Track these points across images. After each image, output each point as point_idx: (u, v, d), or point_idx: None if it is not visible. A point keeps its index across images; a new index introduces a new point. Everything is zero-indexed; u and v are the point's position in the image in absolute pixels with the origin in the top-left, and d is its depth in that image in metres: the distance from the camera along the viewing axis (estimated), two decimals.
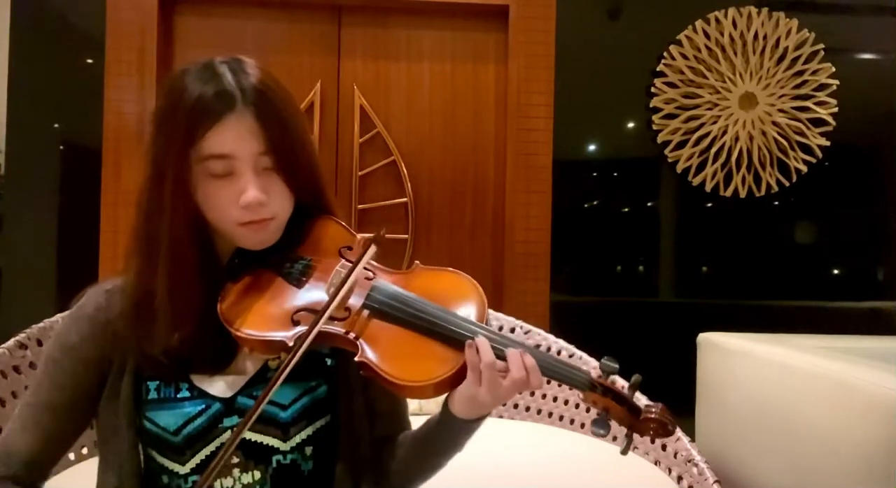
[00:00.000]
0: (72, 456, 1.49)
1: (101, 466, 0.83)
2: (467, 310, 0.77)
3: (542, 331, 1.81)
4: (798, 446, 1.45)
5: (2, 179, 2.30)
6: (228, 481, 0.79)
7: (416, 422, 1.04)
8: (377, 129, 2.43)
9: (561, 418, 1.86)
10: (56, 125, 2.33)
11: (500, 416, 1.96)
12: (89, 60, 2.32)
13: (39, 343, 1.39)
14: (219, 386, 0.80)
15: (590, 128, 2.52)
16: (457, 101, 2.50)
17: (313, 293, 0.78)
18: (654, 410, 0.74)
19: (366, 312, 0.76)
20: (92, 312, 0.81)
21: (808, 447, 1.42)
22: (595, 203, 2.54)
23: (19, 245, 2.29)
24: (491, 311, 0.80)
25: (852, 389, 1.31)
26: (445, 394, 0.77)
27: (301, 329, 0.73)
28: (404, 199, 2.44)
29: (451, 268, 0.83)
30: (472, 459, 0.89)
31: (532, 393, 1.93)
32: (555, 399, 1.88)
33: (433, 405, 1.88)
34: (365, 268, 0.79)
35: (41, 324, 1.42)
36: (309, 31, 2.46)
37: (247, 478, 0.79)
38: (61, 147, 2.34)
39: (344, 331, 0.74)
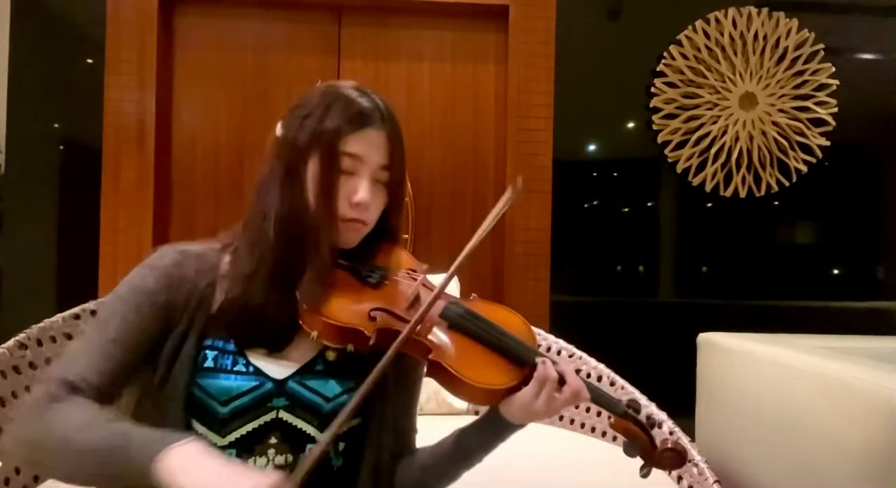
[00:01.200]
0: None
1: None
2: (522, 337, 0.88)
3: (542, 332, 1.81)
4: (798, 446, 1.45)
5: (2, 179, 2.31)
6: (263, 460, 0.82)
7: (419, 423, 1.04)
8: None
9: (561, 418, 1.86)
10: (56, 125, 2.33)
11: None
12: (89, 60, 2.32)
13: (39, 343, 1.39)
14: (272, 368, 0.83)
15: (590, 129, 2.52)
16: (457, 101, 2.50)
17: (390, 297, 0.86)
18: (669, 442, 0.85)
19: (443, 323, 0.85)
20: (170, 265, 0.84)
21: (808, 447, 1.42)
22: (595, 203, 2.54)
23: (19, 245, 2.29)
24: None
25: (852, 389, 1.31)
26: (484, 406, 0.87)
27: (380, 327, 0.81)
28: (404, 199, 2.44)
29: (503, 306, 0.94)
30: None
31: None
32: None
33: (434, 404, 1.88)
34: (440, 294, 0.87)
35: (41, 324, 1.41)
36: (309, 31, 2.46)
37: (280, 460, 0.82)
38: (61, 147, 2.35)
39: (422, 335, 0.82)
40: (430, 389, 1.91)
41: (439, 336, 0.84)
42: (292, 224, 0.84)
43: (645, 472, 0.86)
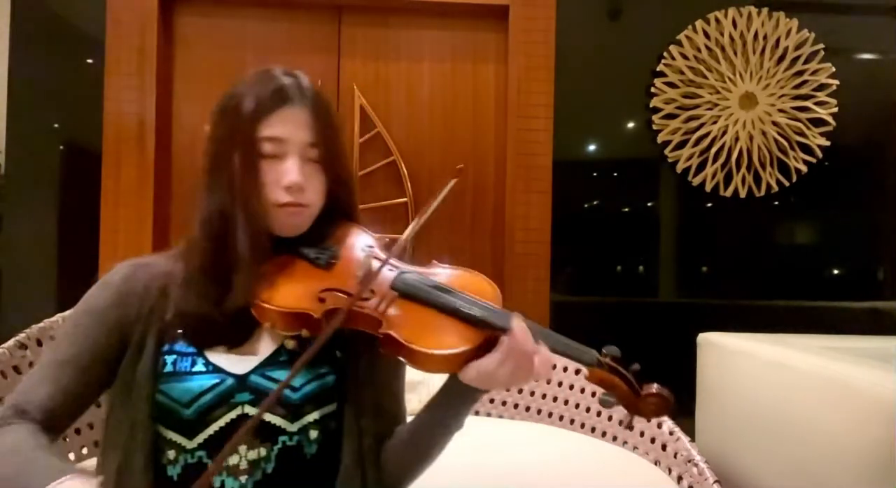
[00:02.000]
0: (72, 456, 1.49)
1: (106, 444, 0.84)
2: (486, 299, 0.84)
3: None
4: (798, 446, 1.45)
5: (2, 179, 2.31)
6: (234, 458, 0.81)
7: None
8: (377, 129, 2.43)
9: (561, 418, 1.86)
10: (56, 125, 2.33)
11: (501, 416, 1.96)
12: (89, 60, 2.32)
13: (39, 343, 1.39)
14: (233, 364, 0.84)
15: (590, 129, 2.52)
16: (457, 101, 2.50)
17: (340, 276, 0.84)
18: (654, 387, 0.80)
19: (392, 293, 0.82)
20: (119, 282, 0.86)
21: (807, 447, 1.42)
22: (595, 203, 2.54)
23: (19, 245, 2.29)
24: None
25: (852, 389, 1.31)
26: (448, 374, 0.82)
27: (329, 307, 0.79)
28: (404, 199, 2.44)
29: (468, 269, 0.89)
30: (473, 459, 0.90)
31: (532, 393, 1.93)
32: (555, 399, 1.88)
33: None
34: (389, 262, 0.85)
35: (41, 324, 1.42)
36: (309, 31, 2.46)
37: (252, 455, 0.81)
38: (61, 147, 2.35)
39: (371, 308, 0.80)
40: (430, 389, 1.91)
41: (390, 307, 0.81)
42: (219, 222, 0.84)
43: (627, 422, 0.82)
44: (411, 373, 1.93)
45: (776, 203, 2.55)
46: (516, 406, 1.95)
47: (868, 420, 1.25)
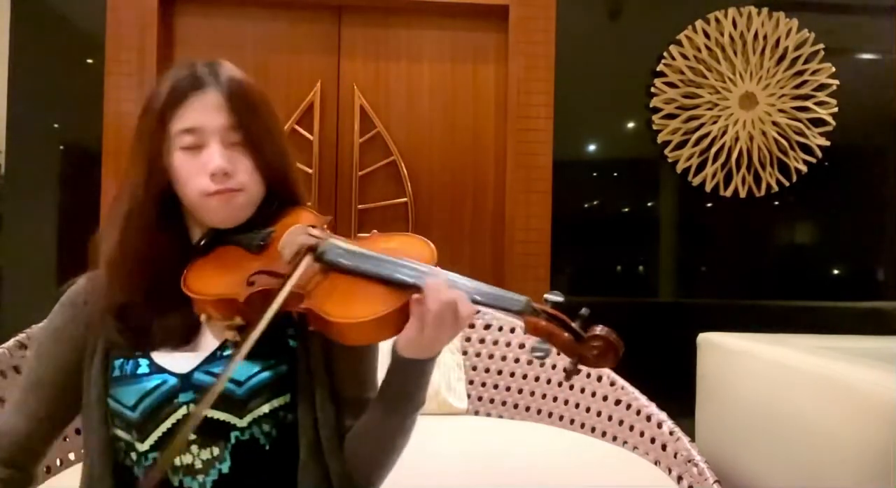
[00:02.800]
0: (72, 455, 1.49)
1: (84, 451, 0.85)
2: (417, 259, 0.80)
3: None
4: (798, 446, 1.45)
5: (2, 179, 2.31)
6: (188, 457, 0.80)
7: None
8: (377, 129, 2.43)
9: (561, 418, 1.86)
10: (56, 125, 2.33)
11: (501, 416, 1.96)
12: (89, 60, 2.32)
13: None
14: (177, 363, 0.82)
15: (590, 129, 2.52)
16: (457, 100, 2.50)
17: (270, 257, 0.82)
18: (597, 328, 0.73)
19: (315, 266, 0.79)
20: (73, 296, 0.87)
21: (807, 447, 1.42)
22: (595, 203, 2.54)
23: (19, 245, 2.29)
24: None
25: (852, 389, 1.31)
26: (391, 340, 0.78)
27: (254, 289, 0.77)
28: (404, 199, 2.44)
29: (406, 233, 0.87)
30: (472, 459, 0.89)
31: (532, 393, 1.93)
32: (555, 399, 1.88)
33: (434, 405, 1.88)
34: (318, 236, 0.82)
35: (41, 324, 1.42)
36: (309, 31, 2.46)
37: (206, 454, 0.80)
38: (61, 147, 2.35)
39: (296, 286, 0.76)
40: (430, 390, 1.91)
41: (315, 282, 0.78)
42: (128, 219, 0.83)
43: (571, 370, 0.74)
44: None
45: (776, 203, 2.55)
46: (516, 406, 1.95)
47: (868, 420, 1.25)
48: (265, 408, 0.82)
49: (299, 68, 2.44)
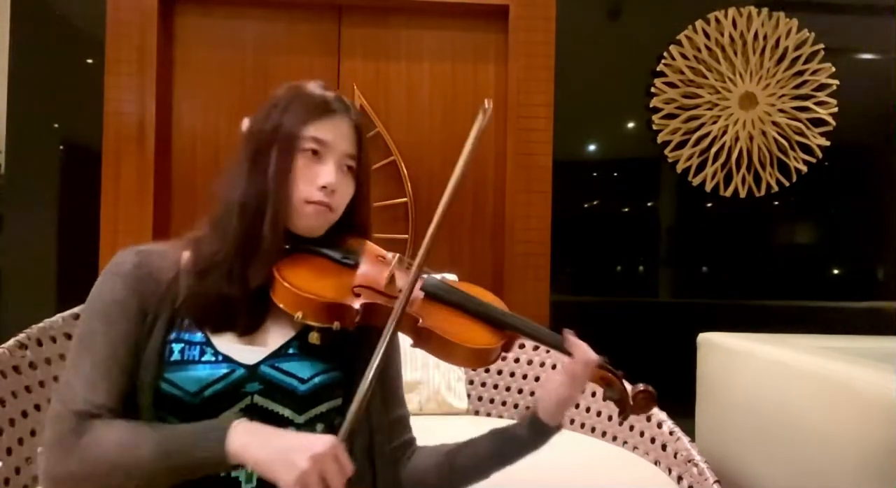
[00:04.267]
0: None
1: None
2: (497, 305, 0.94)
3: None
4: (798, 446, 1.45)
5: (2, 179, 2.31)
6: None
7: (412, 422, 1.03)
8: (377, 129, 2.43)
9: None
10: (56, 125, 2.33)
11: (501, 416, 1.96)
12: (89, 60, 2.32)
13: (39, 343, 1.39)
14: (243, 354, 0.84)
15: (590, 129, 2.52)
16: (457, 101, 2.50)
17: (368, 275, 0.88)
18: (640, 386, 0.94)
19: (421, 294, 0.89)
20: (132, 268, 0.86)
21: (807, 447, 1.42)
22: (595, 203, 2.54)
23: (19, 245, 2.29)
24: None
25: (852, 389, 1.31)
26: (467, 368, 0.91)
27: (365, 301, 0.83)
28: (404, 199, 2.44)
29: (471, 284, 0.98)
30: None
31: (532, 393, 1.93)
32: None
33: (434, 405, 1.89)
34: (407, 268, 0.91)
35: (41, 324, 1.42)
36: (309, 31, 2.46)
37: None
38: (61, 147, 2.35)
39: (408, 307, 0.84)
40: (430, 390, 1.91)
41: (421, 307, 0.87)
42: (252, 208, 0.85)
43: (622, 418, 0.95)
44: (411, 374, 1.93)
45: (776, 203, 2.55)
46: (516, 406, 1.95)
47: (868, 420, 1.25)
48: (322, 408, 0.87)
49: (299, 68, 2.44)
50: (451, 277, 2.06)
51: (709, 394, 1.91)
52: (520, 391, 1.95)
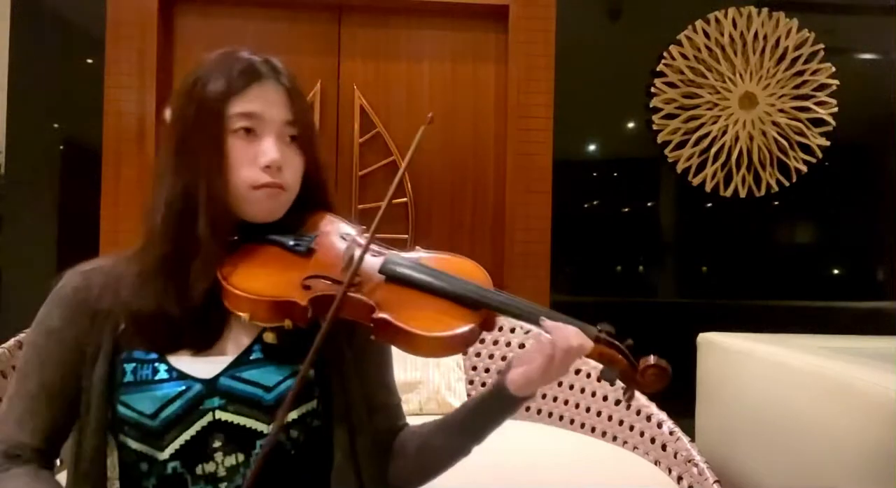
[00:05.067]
0: None
1: (72, 456, 0.80)
2: (476, 280, 0.82)
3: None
4: (798, 446, 1.45)
5: (2, 179, 2.31)
6: (211, 466, 0.77)
7: (412, 422, 1.03)
8: (377, 129, 2.43)
9: (561, 418, 1.86)
10: (56, 125, 2.33)
11: None
12: (89, 60, 2.32)
13: None
14: (199, 368, 0.78)
15: (590, 129, 2.52)
16: (457, 101, 2.50)
17: (322, 263, 0.80)
18: (651, 359, 0.81)
19: (381, 277, 0.79)
20: (70, 293, 0.81)
21: (808, 447, 1.42)
22: (595, 203, 2.54)
23: (19, 245, 2.29)
24: None
25: (852, 389, 1.31)
26: (448, 356, 0.81)
27: (316, 294, 0.75)
28: (404, 199, 2.44)
29: (453, 253, 0.87)
30: (473, 459, 0.89)
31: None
32: (555, 399, 1.88)
33: (434, 405, 1.88)
34: (374, 249, 0.82)
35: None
36: (309, 31, 2.46)
37: (230, 461, 0.77)
38: (61, 147, 2.35)
39: (362, 294, 0.76)
40: (430, 390, 1.91)
41: (381, 292, 0.77)
42: (181, 210, 0.78)
43: (628, 396, 0.84)
44: (411, 373, 1.92)
45: (776, 203, 2.55)
46: None
47: (868, 420, 1.25)
48: (293, 414, 0.80)
49: (299, 68, 2.44)
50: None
51: (709, 394, 1.91)
52: None
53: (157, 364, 0.77)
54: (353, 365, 0.85)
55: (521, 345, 1.98)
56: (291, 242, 0.81)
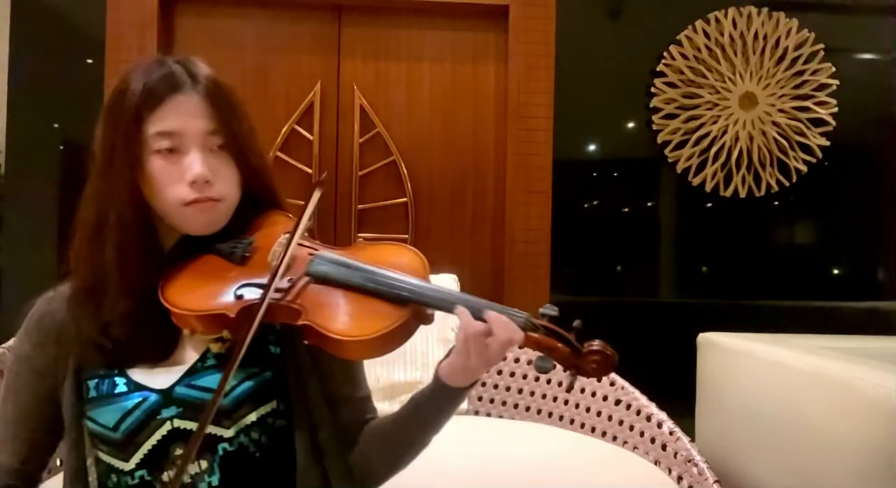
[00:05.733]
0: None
1: (65, 475, 0.83)
2: (411, 273, 0.80)
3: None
4: (798, 446, 1.45)
5: (2, 179, 2.31)
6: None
7: None
8: (377, 129, 2.43)
9: (561, 418, 1.86)
10: (56, 125, 2.33)
11: (501, 416, 1.96)
12: (89, 60, 2.32)
13: None
14: (156, 379, 0.80)
15: (590, 128, 2.52)
16: (457, 101, 2.50)
17: (256, 268, 0.79)
18: (595, 344, 0.76)
19: (307, 280, 0.77)
20: (37, 320, 0.85)
21: (808, 447, 1.42)
22: (595, 203, 2.54)
23: (19, 245, 2.29)
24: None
25: (852, 389, 1.31)
26: (387, 353, 0.77)
27: (245, 302, 0.75)
28: (404, 199, 2.44)
29: (393, 242, 0.86)
30: (472, 459, 0.89)
31: (532, 393, 1.93)
32: (555, 399, 1.88)
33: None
34: (307, 246, 0.81)
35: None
36: (309, 31, 2.46)
37: (193, 469, 0.78)
38: (61, 147, 2.35)
39: (287, 299, 0.76)
40: None
41: (308, 295, 0.76)
42: (94, 234, 0.79)
43: (570, 382, 0.78)
44: (411, 373, 1.92)
45: (776, 203, 2.55)
46: (516, 406, 1.95)
47: (868, 420, 1.25)
48: (252, 417, 0.81)
49: (299, 68, 2.44)
50: (451, 277, 2.07)
51: (709, 394, 1.91)
52: (520, 391, 1.95)
53: (116, 378, 0.80)
54: (311, 364, 0.85)
55: (521, 345, 1.97)
56: (228, 249, 0.81)
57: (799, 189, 2.53)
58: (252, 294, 0.76)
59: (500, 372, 2.00)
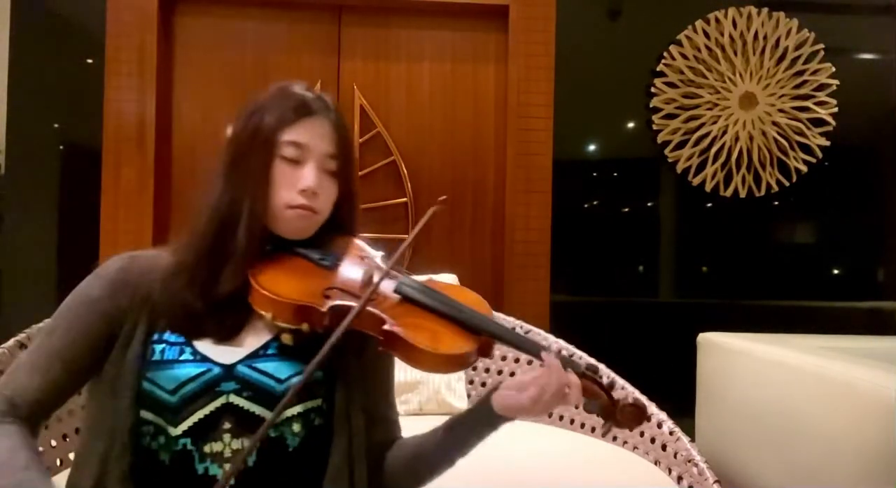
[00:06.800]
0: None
1: (88, 432, 0.85)
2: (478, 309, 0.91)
3: (542, 331, 1.81)
4: (798, 446, 1.45)
5: (2, 179, 2.31)
6: (219, 446, 0.82)
7: (412, 422, 1.03)
8: (377, 129, 2.43)
9: (561, 418, 1.86)
10: (56, 125, 2.33)
11: None
12: (89, 60, 2.32)
13: None
14: (220, 354, 0.85)
15: (590, 129, 2.52)
16: (457, 101, 2.50)
17: (343, 277, 0.89)
18: (629, 398, 0.87)
19: (395, 297, 0.89)
20: (114, 272, 0.88)
21: (808, 447, 1.42)
22: (595, 203, 2.54)
23: (19, 245, 2.29)
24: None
25: (852, 389, 1.31)
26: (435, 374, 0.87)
27: (335, 302, 0.83)
28: (404, 199, 2.44)
29: (459, 285, 0.98)
30: (472, 459, 0.90)
31: None
32: None
33: (434, 405, 1.89)
34: (389, 270, 0.90)
35: (41, 324, 1.42)
36: (309, 31, 2.46)
37: (236, 444, 0.82)
38: (61, 147, 2.35)
39: (379, 308, 0.85)
40: (430, 390, 1.91)
41: (394, 310, 0.86)
42: (226, 215, 0.87)
43: (605, 430, 0.89)
44: (411, 373, 1.92)
45: (776, 203, 2.55)
46: None
47: (868, 420, 1.25)
48: (298, 408, 0.86)
49: (299, 68, 2.44)
50: (451, 277, 2.07)
51: (709, 394, 1.91)
52: None
53: (183, 346, 0.85)
54: (358, 376, 0.92)
55: None
56: (317, 256, 0.91)
57: (799, 189, 2.53)
58: (339, 296, 0.85)
59: (500, 372, 2.00)
